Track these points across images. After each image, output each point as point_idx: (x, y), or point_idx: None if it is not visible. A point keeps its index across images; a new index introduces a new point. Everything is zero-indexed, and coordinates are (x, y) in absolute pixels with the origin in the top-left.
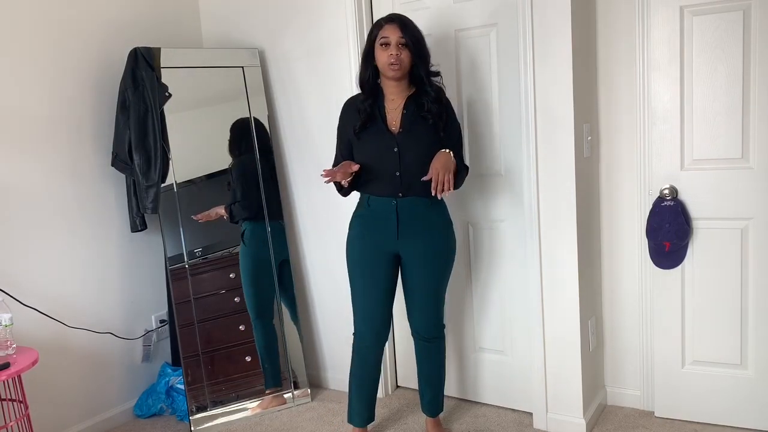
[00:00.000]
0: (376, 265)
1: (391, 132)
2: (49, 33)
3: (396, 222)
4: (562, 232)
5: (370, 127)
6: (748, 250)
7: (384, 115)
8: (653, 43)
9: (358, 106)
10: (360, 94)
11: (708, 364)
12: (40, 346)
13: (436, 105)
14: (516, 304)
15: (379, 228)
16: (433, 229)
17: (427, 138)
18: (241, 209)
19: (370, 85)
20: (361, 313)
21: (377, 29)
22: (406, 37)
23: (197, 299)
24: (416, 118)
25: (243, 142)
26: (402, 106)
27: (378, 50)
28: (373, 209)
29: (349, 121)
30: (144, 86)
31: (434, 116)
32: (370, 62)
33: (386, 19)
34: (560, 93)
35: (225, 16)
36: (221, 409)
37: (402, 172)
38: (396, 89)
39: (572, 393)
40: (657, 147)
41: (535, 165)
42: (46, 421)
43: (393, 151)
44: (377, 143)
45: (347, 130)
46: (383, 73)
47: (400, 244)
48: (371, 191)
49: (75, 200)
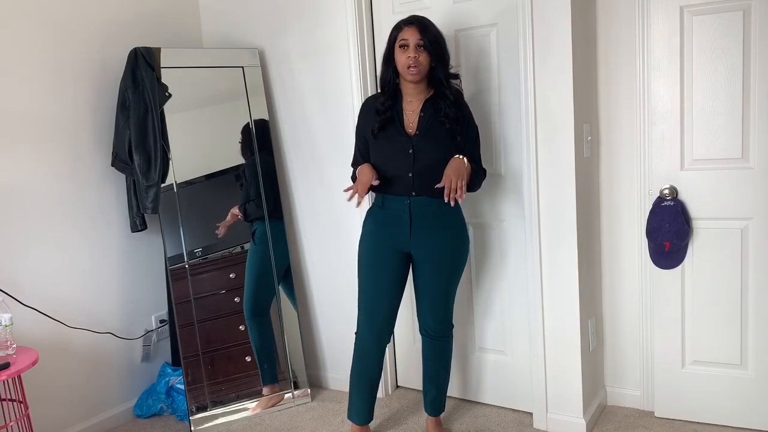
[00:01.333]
0: (386, 263)
1: (407, 134)
2: (49, 33)
3: (409, 220)
4: (562, 232)
5: (388, 128)
6: (748, 250)
7: (401, 117)
8: (653, 43)
9: (378, 107)
10: (380, 95)
11: (708, 364)
12: (40, 346)
13: (453, 109)
14: (516, 304)
15: (393, 226)
16: (445, 229)
17: (443, 142)
18: (255, 207)
19: (390, 86)
20: (365, 313)
21: (397, 31)
22: (425, 39)
23: (197, 299)
24: (434, 121)
25: (256, 143)
26: (420, 109)
27: (397, 52)
28: (387, 208)
29: (368, 121)
30: (144, 86)
31: (451, 121)
32: (390, 63)
33: (406, 21)
34: (560, 93)
35: (225, 16)
36: (221, 409)
37: (414, 173)
38: (414, 91)
39: (572, 393)
40: (657, 147)
41: (536, 165)
42: (46, 421)
43: (408, 153)
44: (393, 145)
45: (365, 130)
46: (402, 74)
47: (412, 243)
48: (385, 190)
49: (75, 200)
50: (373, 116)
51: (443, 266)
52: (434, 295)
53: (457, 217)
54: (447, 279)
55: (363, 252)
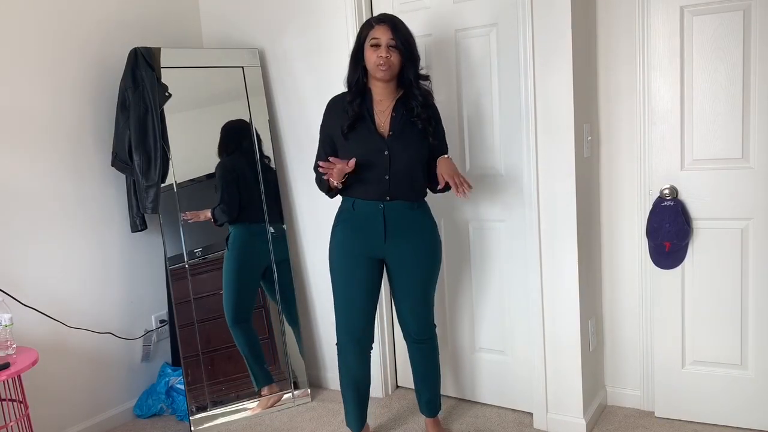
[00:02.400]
0: (359, 272)
1: (380, 134)
2: (49, 33)
3: (383, 225)
4: (562, 232)
5: (359, 127)
6: (748, 250)
7: (373, 116)
8: (653, 43)
9: (345, 105)
10: (346, 94)
11: (708, 364)
12: (40, 346)
13: (424, 109)
14: (516, 304)
15: (365, 232)
16: (419, 232)
17: (416, 142)
18: (220, 212)
19: (358, 85)
20: (342, 323)
21: (367, 29)
22: (397, 39)
23: (197, 299)
24: (406, 121)
25: (231, 144)
26: (391, 108)
27: (368, 50)
28: (358, 213)
29: (335, 121)
30: (144, 86)
31: (423, 121)
32: (360, 62)
33: (377, 19)
34: (560, 93)
35: (225, 16)
36: (221, 409)
37: (391, 175)
38: (384, 90)
39: (572, 393)
40: (657, 147)
41: (536, 165)
42: (46, 421)
43: (383, 154)
44: (367, 145)
45: (332, 130)
46: (372, 73)
47: (386, 248)
48: (357, 194)
49: (75, 200)
50: (341, 115)
51: (422, 269)
52: (414, 299)
53: (428, 217)
54: (426, 281)
55: (335, 261)
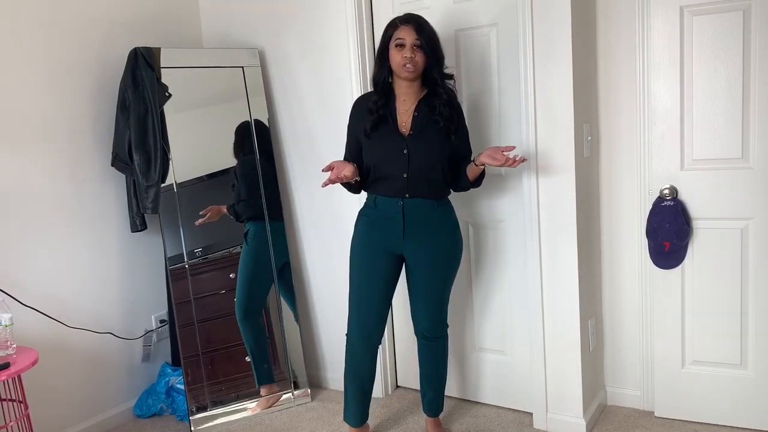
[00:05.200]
0: (377, 265)
1: (401, 134)
2: (49, 33)
3: (402, 222)
4: (562, 232)
5: (381, 127)
6: (748, 250)
7: (395, 116)
8: (653, 43)
9: (370, 106)
10: (372, 94)
11: (708, 364)
12: (40, 346)
13: (447, 108)
14: (516, 304)
15: (385, 228)
16: (439, 231)
17: (437, 141)
18: (246, 207)
19: (384, 84)
20: (355, 316)
21: (392, 29)
22: (422, 39)
23: (197, 299)
24: (427, 120)
25: (247, 143)
26: (414, 108)
27: (392, 51)
28: (379, 209)
29: (360, 121)
30: (144, 86)
31: (445, 119)
32: (385, 62)
33: (402, 19)
34: (560, 93)
35: (225, 16)
36: (221, 409)
37: (409, 174)
38: (408, 90)
39: (572, 393)
40: (657, 147)
41: (536, 165)
42: (46, 421)
43: (402, 153)
44: (387, 144)
45: (357, 129)
46: (397, 73)
47: (405, 245)
48: (378, 191)
49: (75, 200)
50: (365, 115)
51: (438, 268)
52: (429, 297)
53: (450, 218)
54: (442, 280)
55: (354, 253)
